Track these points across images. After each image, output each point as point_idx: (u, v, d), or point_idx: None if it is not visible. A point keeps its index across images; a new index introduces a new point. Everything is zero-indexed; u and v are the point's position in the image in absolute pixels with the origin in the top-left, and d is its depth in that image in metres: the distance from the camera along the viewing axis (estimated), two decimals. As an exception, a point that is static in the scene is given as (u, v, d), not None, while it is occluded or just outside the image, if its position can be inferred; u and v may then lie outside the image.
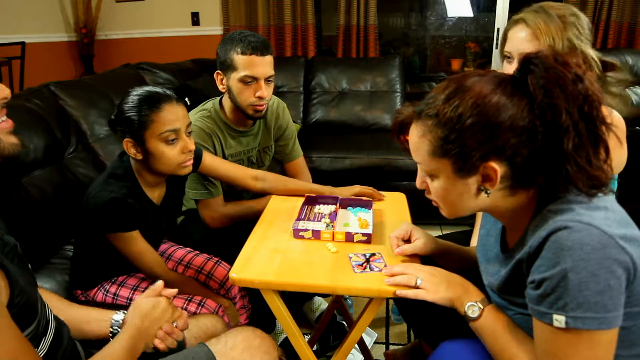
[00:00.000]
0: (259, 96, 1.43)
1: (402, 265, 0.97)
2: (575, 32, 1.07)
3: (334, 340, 1.66)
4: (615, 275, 0.66)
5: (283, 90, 3.13)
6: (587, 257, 0.65)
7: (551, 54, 0.71)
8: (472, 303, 0.85)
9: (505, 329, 0.81)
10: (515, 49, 1.12)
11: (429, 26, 3.74)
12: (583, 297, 0.66)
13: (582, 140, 0.69)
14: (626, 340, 0.72)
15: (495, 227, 0.92)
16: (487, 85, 0.72)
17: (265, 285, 0.99)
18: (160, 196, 1.26)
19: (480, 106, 0.71)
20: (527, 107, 0.70)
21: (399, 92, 3.08)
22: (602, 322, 0.66)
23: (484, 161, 0.72)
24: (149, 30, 3.59)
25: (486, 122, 0.70)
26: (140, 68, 2.47)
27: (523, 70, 0.72)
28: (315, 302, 1.82)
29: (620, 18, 3.02)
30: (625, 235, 0.67)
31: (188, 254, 1.41)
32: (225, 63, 1.44)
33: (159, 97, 1.14)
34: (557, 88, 0.68)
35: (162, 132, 1.13)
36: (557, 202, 0.72)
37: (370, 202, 1.35)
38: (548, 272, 0.68)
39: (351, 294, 1.02)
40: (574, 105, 0.68)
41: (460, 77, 0.76)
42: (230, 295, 1.36)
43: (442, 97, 0.75)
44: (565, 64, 0.69)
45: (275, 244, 1.13)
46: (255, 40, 1.41)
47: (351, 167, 2.56)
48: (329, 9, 3.57)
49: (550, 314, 0.69)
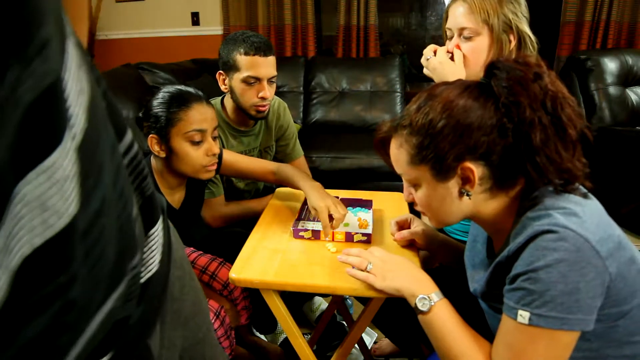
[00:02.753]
0: (262, 97, 1.43)
1: (359, 249, 0.98)
2: (512, 7, 1.12)
3: (334, 340, 1.66)
4: (585, 279, 0.67)
5: (283, 90, 3.13)
6: (560, 258, 0.67)
7: (514, 58, 0.75)
8: (424, 296, 0.84)
9: (455, 327, 0.81)
10: (454, 25, 1.16)
11: (429, 26, 3.74)
12: (550, 296, 0.67)
13: (549, 134, 0.71)
14: (614, 340, 0.73)
15: (483, 233, 0.93)
16: (454, 91, 0.77)
17: (265, 285, 0.99)
18: (180, 200, 1.26)
19: (448, 110, 0.75)
20: (493, 107, 0.73)
21: (399, 92, 3.08)
22: (564, 322, 0.68)
23: (459, 162, 0.75)
24: (149, 30, 3.59)
25: (456, 124, 0.74)
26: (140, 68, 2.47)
27: (488, 76, 0.76)
28: (315, 302, 1.82)
29: (620, 18, 3.02)
30: (602, 239, 0.68)
31: (192, 254, 1.41)
32: (228, 63, 1.44)
33: (190, 96, 1.14)
34: (518, 86, 0.71)
35: (188, 131, 1.12)
36: (535, 208, 0.73)
37: (370, 202, 1.35)
38: (522, 269, 0.70)
39: (351, 294, 1.02)
40: (536, 100, 0.71)
41: (430, 88, 0.81)
42: (233, 296, 1.36)
43: (414, 107, 0.80)
44: (526, 64, 0.73)
45: (275, 244, 1.13)
46: (259, 40, 1.41)
47: (351, 167, 2.56)
48: (329, 9, 3.57)
49: (516, 309, 0.71)
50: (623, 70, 2.84)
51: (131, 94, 2.21)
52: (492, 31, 1.11)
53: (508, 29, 1.12)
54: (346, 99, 3.09)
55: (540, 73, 0.72)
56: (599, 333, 0.73)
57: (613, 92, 2.80)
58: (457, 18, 1.15)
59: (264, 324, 1.64)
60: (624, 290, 0.71)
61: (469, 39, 1.14)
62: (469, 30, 1.13)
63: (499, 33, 1.11)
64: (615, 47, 3.04)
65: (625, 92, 2.84)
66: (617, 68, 2.82)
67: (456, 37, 1.16)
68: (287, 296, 1.06)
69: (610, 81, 2.80)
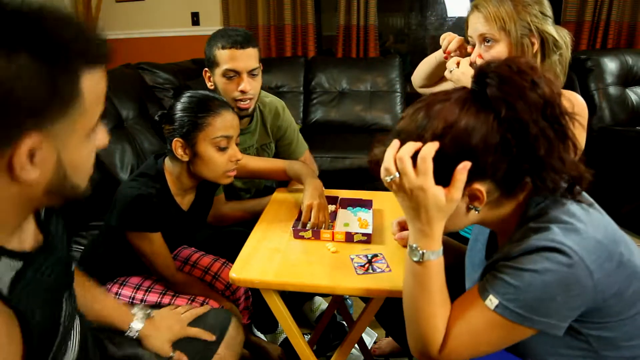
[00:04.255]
0: (242, 90, 1.43)
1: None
2: (532, 9, 1.11)
3: (334, 340, 1.66)
4: (568, 294, 0.67)
5: (283, 90, 3.13)
6: (549, 268, 0.67)
7: (504, 62, 0.71)
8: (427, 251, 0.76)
9: (442, 288, 0.77)
10: (474, 32, 1.17)
11: (429, 26, 3.74)
12: (524, 297, 0.68)
13: (552, 142, 0.70)
14: (613, 342, 0.73)
15: (483, 233, 0.93)
16: (453, 109, 0.71)
17: (265, 285, 0.99)
18: (189, 202, 1.27)
19: (450, 133, 0.70)
20: (495, 122, 0.70)
21: (399, 92, 3.08)
22: (527, 320, 0.69)
23: (468, 185, 0.72)
24: (149, 30, 3.59)
25: (460, 149, 0.70)
26: (140, 68, 2.47)
27: (479, 83, 0.73)
28: (315, 302, 1.82)
29: (620, 18, 3.01)
30: (599, 259, 0.67)
31: (194, 254, 1.41)
32: (210, 60, 1.46)
33: (218, 103, 1.17)
34: (519, 101, 0.68)
35: (215, 137, 1.14)
36: (538, 219, 0.72)
37: (370, 202, 1.35)
38: (512, 258, 0.71)
39: (351, 294, 1.02)
40: (537, 112, 0.69)
41: (425, 103, 0.75)
42: (235, 297, 1.36)
43: (413, 127, 0.74)
44: (520, 71, 0.70)
45: (275, 244, 1.13)
46: (236, 34, 1.42)
47: (351, 167, 2.56)
48: (329, 9, 3.57)
49: (489, 293, 0.71)
50: (623, 70, 2.84)
51: (131, 94, 2.21)
52: (510, 37, 1.11)
53: (528, 33, 1.10)
54: (346, 99, 3.09)
55: (536, 80, 0.69)
56: (597, 336, 0.73)
57: (613, 92, 2.80)
58: (475, 25, 1.15)
59: (265, 323, 1.64)
60: (619, 304, 0.70)
61: (490, 46, 1.14)
62: (489, 35, 1.13)
63: (517, 38, 1.10)
64: (615, 47, 3.04)
65: (625, 92, 2.84)
66: (617, 68, 2.82)
67: (478, 45, 1.16)
68: (287, 296, 1.06)
69: (610, 81, 2.80)
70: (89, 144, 0.60)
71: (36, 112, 0.52)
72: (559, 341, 0.73)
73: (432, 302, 0.76)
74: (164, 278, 1.22)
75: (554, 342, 0.74)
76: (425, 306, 0.76)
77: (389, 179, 0.75)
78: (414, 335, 0.78)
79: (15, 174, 0.53)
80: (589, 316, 0.71)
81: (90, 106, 0.58)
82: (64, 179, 0.58)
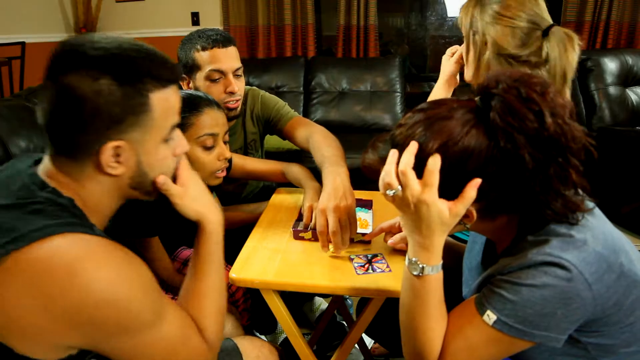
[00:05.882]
0: (231, 91, 1.36)
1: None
2: (492, 12, 1.02)
3: (334, 340, 1.66)
4: (567, 308, 0.67)
5: (283, 90, 3.13)
6: (548, 283, 0.66)
7: (515, 84, 0.67)
8: (427, 266, 0.74)
9: (440, 302, 0.76)
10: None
11: (429, 26, 3.74)
12: (523, 312, 0.67)
13: (550, 180, 0.68)
14: (611, 349, 0.73)
15: (481, 236, 0.92)
16: (453, 131, 0.69)
17: (265, 285, 0.99)
18: None
19: (448, 156, 0.68)
20: (495, 150, 0.67)
21: (399, 92, 3.08)
22: (527, 335, 0.68)
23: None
24: (149, 30, 3.59)
25: (456, 171, 0.68)
26: (140, 68, 2.47)
27: (484, 101, 0.70)
28: (315, 302, 1.82)
29: (620, 18, 3.02)
30: (598, 271, 0.67)
31: None
32: (187, 65, 1.37)
33: (201, 101, 1.13)
34: (520, 135, 0.65)
35: (200, 136, 1.11)
36: (537, 233, 0.71)
37: (370, 202, 1.35)
38: (509, 273, 0.70)
39: (351, 294, 1.02)
40: (538, 148, 0.66)
41: (426, 119, 0.72)
42: (235, 298, 1.36)
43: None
44: (528, 99, 0.66)
45: (275, 244, 1.13)
46: (215, 33, 1.36)
47: (351, 167, 2.53)
48: (329, 9, 3.57)
49: (486, 308, 0.70)
50: (623, 70, 2.84)
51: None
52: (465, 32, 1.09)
53: (475, 30, 1.05)
54: (346, 99, 3.09)
55: (543, 111, 0.65)
56: (595, 343, 0.72)
57: (613, 92, 2.80)
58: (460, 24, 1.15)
59: (264, 324, 1.64)
60: (618, 313, 0.70)
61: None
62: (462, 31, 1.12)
63: (468, 34, 1.07)
64: (615, 47, 3.04)
65: (625, 92, 2.84)
66: (617, 68, 2.83)
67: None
68: (287, 296, 1.06)
69: (610, 81, 2.81)
70: (164, 149, 0.74)
71: (115, 122, 0.66)
72: (557, 349, 0.72)
73: (429, 316, 0.74)
74: (164, 280, 1.22)
75: (552, 351, 0.73)
76: (423, 320, 0.75)
77: (391, 193, 0.73)
78: (409, 347, 0.77)
79: (103, 170, 0.69)
80: (587, 326, 0.70)
81: (160, 118, 0.71)
82: (144, 175, 0.74)
